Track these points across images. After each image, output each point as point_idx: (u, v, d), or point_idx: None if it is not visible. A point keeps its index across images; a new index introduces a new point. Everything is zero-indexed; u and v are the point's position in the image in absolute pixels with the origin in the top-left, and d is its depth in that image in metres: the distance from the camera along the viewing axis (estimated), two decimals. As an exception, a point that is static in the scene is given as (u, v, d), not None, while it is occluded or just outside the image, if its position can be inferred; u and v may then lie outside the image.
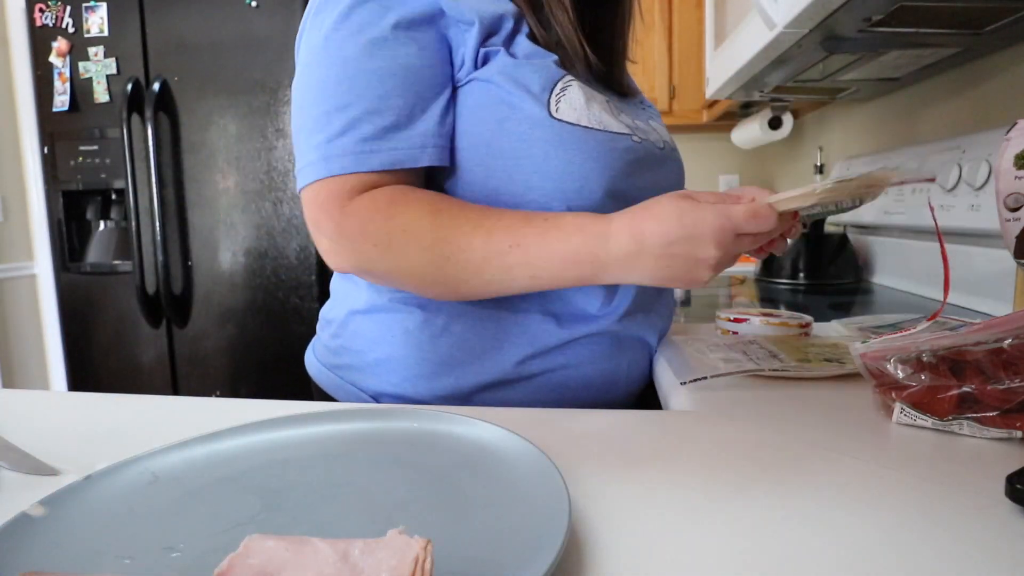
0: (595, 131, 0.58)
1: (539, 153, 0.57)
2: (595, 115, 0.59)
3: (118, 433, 0.49)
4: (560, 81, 0.59)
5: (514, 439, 0.40)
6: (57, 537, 0.31)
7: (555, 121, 0.57)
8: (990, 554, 0.30)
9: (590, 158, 0.57)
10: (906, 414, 0.46)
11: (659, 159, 0.65)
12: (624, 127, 0.61)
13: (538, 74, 0.58)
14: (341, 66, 0.55)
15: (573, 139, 0.57)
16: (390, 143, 0.55)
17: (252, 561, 0.25)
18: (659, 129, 0.71)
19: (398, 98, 0.55)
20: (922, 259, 1.17)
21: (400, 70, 0.55)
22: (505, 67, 0.57)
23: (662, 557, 0.30)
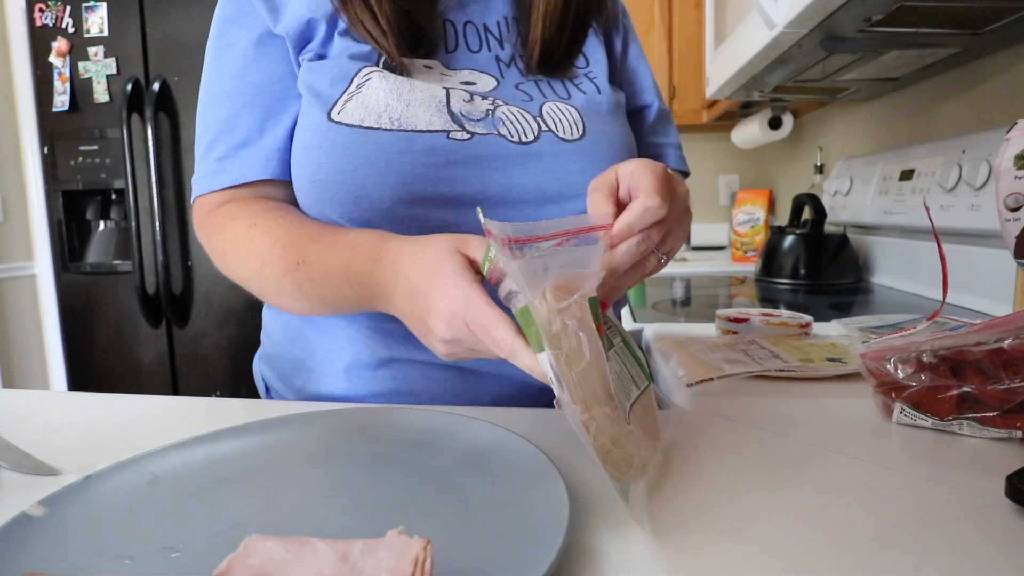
0: (378, 131, 0.52)
1: (314, 162, 0.54)
2: (395, 111, 0.53)
3: (118, 433, 0.49)
4: (357, 76, 0.54)
5: (514, 439, 0.40)
6: (57, 537, 0.31)
7: (331, 124, 0.53)
8: (990, 554, 0.30)
9: (365, 163, 0.52)
10: (906, 414, 0.46)
11: (510, 156, 0.55)
12: (445, 122, 0.54)
13: (329, 74, 0.54)
14: (206, 91, 0.60)
15: (346, 143, 0.52)
16: (239, 161, 0.57)
17: (252, 562, 0.25)
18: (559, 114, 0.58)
19: (248, 116, 0.57)
20: (922, 259, 1.17)
21: (248, 88, 0.57)
22: (304, 73, 0.56)
23: (662, 557, 0.30)
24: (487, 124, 0.55)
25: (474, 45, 0.60)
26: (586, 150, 0.58)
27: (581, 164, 0.57)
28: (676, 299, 1.28)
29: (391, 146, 0.52)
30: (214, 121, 0.58)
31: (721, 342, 0.71)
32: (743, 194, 2.00)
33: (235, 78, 0.58)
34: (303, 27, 0.56)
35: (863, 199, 1.36)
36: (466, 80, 0.59)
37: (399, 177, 0.52)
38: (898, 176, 1.22)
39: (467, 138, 0.54)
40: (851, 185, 1.44)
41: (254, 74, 0.58)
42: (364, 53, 0.56)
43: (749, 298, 1.27)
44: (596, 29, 0.65)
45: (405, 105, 0.53)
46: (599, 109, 0.60)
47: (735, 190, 2.44)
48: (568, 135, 0.58)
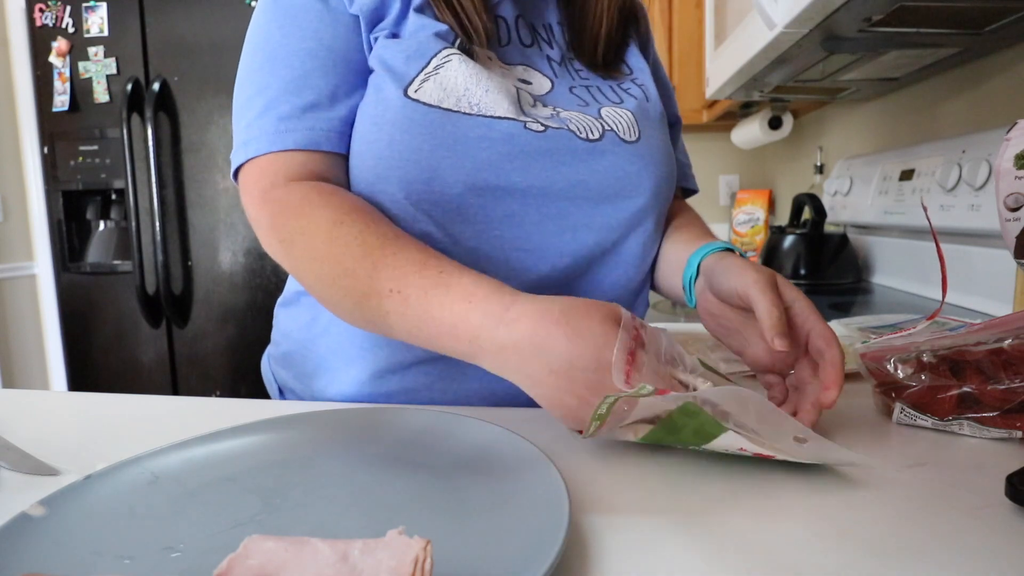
0: (458, 115, 0.51)
1: (385, 137, 0.51)
2: (474, 96, 0.52)
3: (118, 433, 0.49)
4: (436, 57, 0.52)
5: (514, 439, 0.40)
6: (57, 537, 0.31)
7: (408, 101, 0.51)
8: (990, 554, 0.30)
9: (441, 145, 0.51)
10: (906, 414, 0.46)
11: (579, 152, 0.55)
12: (514, 111, 0.53)
13: (407, 51, 0.52)
14: (265, 49, 0.54)
15: (424, 122, 0.51)
16: (306, 122, 0.52)
17: (252, 562, 0.25)
18: (617, 116, 0.59)
19: (319, 78, 0.53)
20: (922, 259, 1.17)
21: (323, 50, 0.53)
22: (378, 50, 0.54)
23: (662, 557, 0.30)
24: (557, 121, 0.56)
25: (526, 40, 0.60)
26: (642, 152, 0.58)
27: (639, 165, 0.58)
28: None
29: (470, 130, 0.52)
30: (276, 80, 0.53)
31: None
32: (743, 194, 2.00)
33: (308, 39, 0.53)
34: (377, 3, 0.54)
35: (863, 199, 1.36)
36: (521, 77, 0.58)
37: (475, 162, 0.52)
38: (898, 176, 1.22)
39: (542, 130, 0.54)
40: (851, 185, 1.44)
41: (331, 38, 0.54)
42: (444, 32, 0.54)
43: (749, 298, 1.27)
44: (634, 40, 0.67)
45: (484, 91, 0.52)
46: (649, 114, 0.62)
47: (735, 190, 2.44)
48: (628, 136, 0.58)
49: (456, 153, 0.51)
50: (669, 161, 0.62)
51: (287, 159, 0.52)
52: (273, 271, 2.02)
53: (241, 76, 0.56)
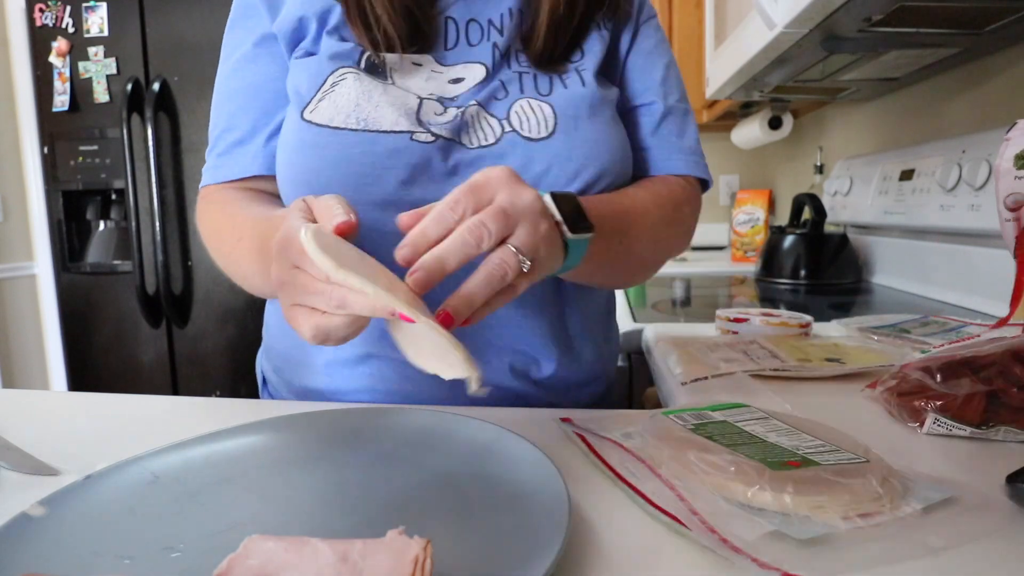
0: (344, 132, 0.52)
1: (286, 160, 0.56)
2: (363, 111, 0.53)
3: (118, 433, 0.49)
4: (332, 75, 0.54)
5: (514, 439, 0.40)
6: (57, 537, 0.31)
7: (303, 123, 0.54)
8: (990, 554, 0.30)
9: (329, 164, 0.53)
10: (939, 424, 0.45)
11: (470, 160, 0.55)
12: (411, 124, 0.53)
13: (307, 73, 0.55)
14: (215, 90, 0.63)
15: (316, 143, 0.53)
16: (233, 158, 0.61)
17: (252, 562, 0.25)
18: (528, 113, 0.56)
19: (243, 115, 0.60)
20: (922, 259, 1.17)
21: (245, 87, 0.60)
22: (290, 72, 0.58)
23: (662, 557, 0.30)
24: (451, 129, 0.54)
25: (475, 39, 0.60)
26: (554, 149, 0.55)
27: (547, 163, 0.55)
28: (676, 299, 1.28)
29: (354, 146, 0.52)
30: (218, 119, 0.62)
31: (721, 342, 0.71)
32: (743, 194, 2.00)
33: (236, 78, 0.61)
34: (295, 25, 0.57)
35: (863, 199, 1.36)
36: (456, 76, 0.57)
37: (360, 179, 0.52)
38: (898, 176, 1.22)
39: (431, 140, 0.54)
40: (851, 185, 1.44)
41: (252, 74, 0.60)
42: (345, 51, 0.55)
43: (749, 298, 1.27)
44: (604, 28, 0.63)
45: (375, 106, 0.53)
46: (577, 105, 0.57)
47: (735, 190, 2.44)
48: (534, 134, 0.55)
49: (341, 171, 0.52)
50: (600, 153, 0.57)
51: (216, 187, 0.62)
52: (273, 271, 2.02)
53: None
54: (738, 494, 0.33)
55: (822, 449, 0.37)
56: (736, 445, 0.37)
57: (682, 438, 0.38)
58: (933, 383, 0.45)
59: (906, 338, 0.72)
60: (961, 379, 0.44)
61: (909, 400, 0.47)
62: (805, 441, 0.38)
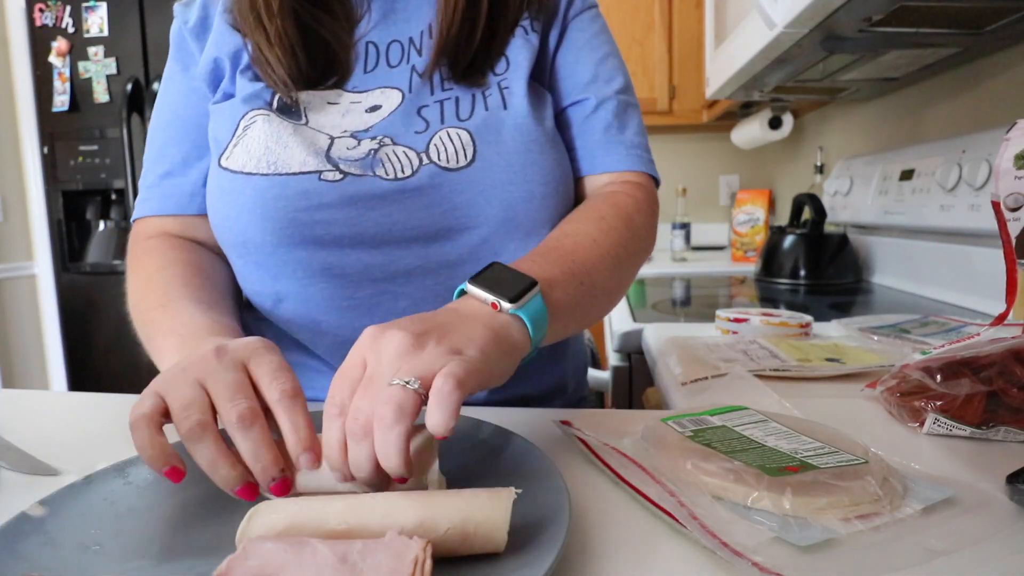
0: (255, 177, 0.52)
1: (209, 208, 0.57)
2: (273, 154, 0.52)
3: (118, 433, 0.49)
4: (243, 119, 0.54)
5: (514, 438, 0.40)
6: (57, 537, 0.31)
7: (220, 171, 0.54)
8: (990, 554, 0.30)
9: (245, 209, 0.53)
10: (939, 424, 0.45)
11: (383, 194, 0.52)
12: (320, 163, 0.52)
13: (222, 118, 0.56)
14: (152, 119, 0.62)
15: (230, 190, 0.53)
16: (162, 190, 0.59)
17: (251, 563, 0.25)
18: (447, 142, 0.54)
19: (174, 147, 0.59)
20: (922, 259, 1.17)
21: (178, 120, 0.59)
22: (210, 117, 0.58)
23: (662, 557, 0.30)
24: (363, 165, 0.53)
25: (395, 60, 0.58)
26: (474, 177, 0.53)
27: (470, 193, 0.53)
28: (676, 299, 1.28)
29: (266, 191, 0.52)
30: (149, 149, 0.61)
31: (721, 342, 0.71)
32: (743, 194, 2.00)
33: (167, 110, 0.60)
34: (212, 66, 0.57)
35: (863, 199, 1.36)
36: (373, 104, 0.55)
37: (276, 222, 0.52)
38: (898, 176, 1.22)
39: (339, 178, 0.52)
40: (851, 185, 1.44)
41: (184, 108, 0.60)
42: (256, 92, 0.55)
43: (749, 298, 1.27)
44: (531, 25, 0.59)
45: (283, 148, 0.52)
46: (498, 128, 0.54)
47: (735, 190, 2.44)
48: (452, 163, 0.53)
49: (257, 216, 0.52)
50: (527, 175, 0.54)
51: (148, 223, 0.60)
52: (273, 271, 2.02)
53: None
54: (738, 499, 0.33)
55: (821, 451, 0.37)
56: (734, 452, 0.37)
57: (680, 446, 0.38)
58: (933, 383, 0.45)
59: (906, 338, 0.72)
60: (961, 379, 0.44)
61: (909, 400, 0.47)
62: (804, 444, 0.38)
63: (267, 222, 0.52)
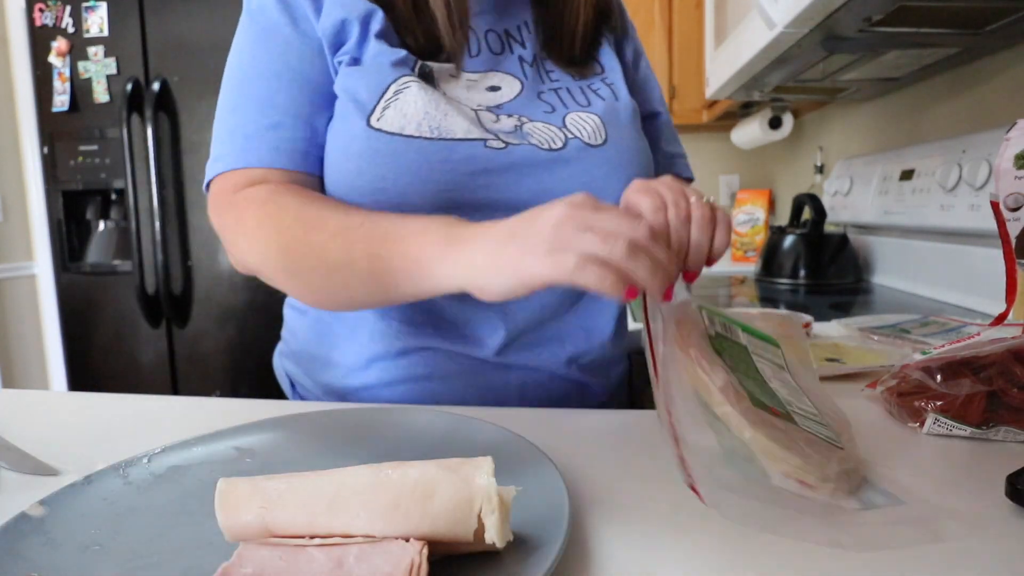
0: (420, 140, 0.53)
1: (354, 168, 0.54)
2: (434, 120, 0.53)
3: (118, 433, 0.49)
4: (394, 84, 0.54)
5: (514, 439, 0.40)
6: (57, 537, 0.31)
7: (371, 132, 0.53)
8: (990, 554, 0.30)
9: (406, 172, 0.53)
10: (940, 424, 0.45)
11: (542, 163, 0.56)
12: (478, 131, 0.55)
13: (366, 80, 0.54)
14: (239, 69, 0.58)
15: (387, 151, 0.53)
16: (269, 141, 0.55)
17: (245, 570, 0.25)
18: (582, 123, 0.60)
19: (284, 99, 0.56)
20: (922, 259, 1.17)
21: (289, 71, 0.56)
22: (341, 78, 0.55)
23: (662, 557, 0.30)
24: (518, 136, 0.57)
25: (496, 48, 0.61)
26: (609, 156, 0.59)
27: (606, 169, 0.58)
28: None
29: (432, 154, 0.53)
30: (245, 101, 0.56)
31: None
32: (743, 194, 2.00)
33: (276, 61, 0.56)
34: (337, 28, 0.55)
35: (863, 199, 1.36)
36: (492, 84, 0.59)
37: (439, 185, 0.53)
38: (898, 176, 1.22)
39: (502, 147, 0.55)
40: (851, 185, 1.44)
41: (298, 60, 0.56)
42: (401, 59, 0.55)
43: (749, 298, 1.27)
44: (608, 37, 0.67)
45: (443, 115, 0.54)
46: (618, 116, 0.61)
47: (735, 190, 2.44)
48: (593, 140, 0.58)
49: (420, 178, 0.53)
50: (641, 160, 0.62)
51: (250, 174, 0.55)
52: (273, 271, 2.02)
53: (220, 94, 0.59)
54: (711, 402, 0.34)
55: (810, 416, 0.38)
56: (736, 371, 0.37)
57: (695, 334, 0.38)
58: (933, 383, 0.45)
59: (906, 338, 0.72)
60: (961, 379, 0.44)
61: (909, 400, 0.47)
62: (801, 402, 0.39)
63: (431, 184, 0.53)
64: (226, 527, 0.28)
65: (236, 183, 0.55)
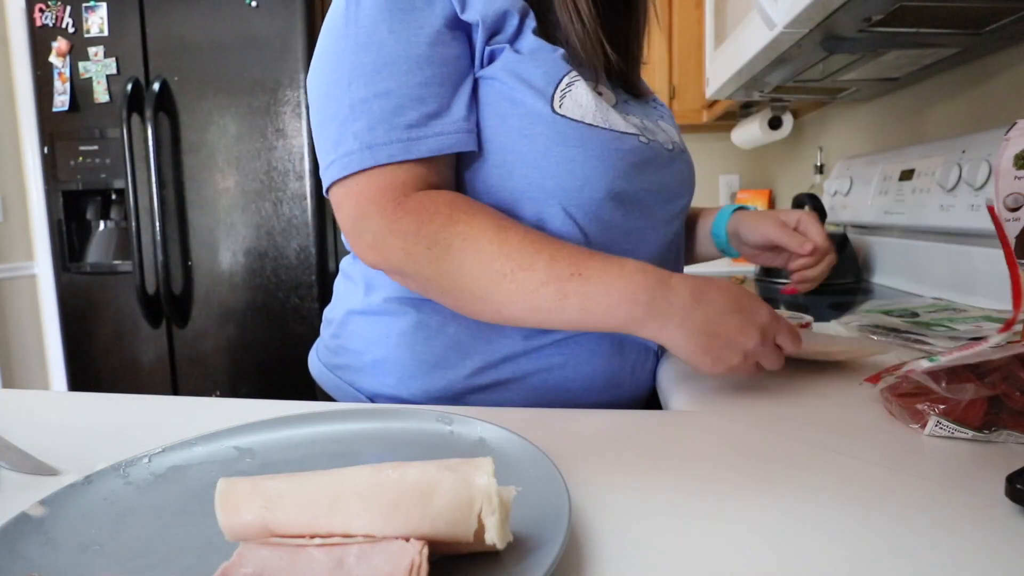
0: (599, 129, 0.57)
1: (539, 149, 0.56)
2: (602, 113, 0.58)
3: (118, 433, 0.49)
4: (566, 76, 0.57)
5: (514, 439, 0.40)
6: (57, 537, 0.31)
7: (558, 117, 0.56)
8: (990, 554, 0.30)
9: (592, 156, 0.57)
10: (941, 426, 0.44)
11: (666, 160, 0.65)
12: (631, 127, 0.61)
13: (541, 69, 0.57)
14: (378, 51, 0.54)
15: (576, 136, 0.56)
16: (434, 129, 0.54)
17: (245, 570, 0.25)
18: (668, 130, 0.70)
19: (438, 85, 0.55)
20: (922, 259, 1.17)
21: (437, 58, 0.55)
22: (508, 63, 0.57)
23: (662, 557, 0.30)
24: (649, 133, 0.64)
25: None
26: (687, 158, 0.71)
27: (690, 168, 0.72)
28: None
29: (610, 143, 0.58)
30: (398, 86, 0.53)
31: None
32: (743, 194, 2.00)
33: (424, 46, 0.54)
34: (499, 16, 0.57)
35: (863, 199, 1.36)
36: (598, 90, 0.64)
37: (615, 171, 0.58)
38: (898, 176, 1.22)
39: (648, 142, 0.62)
40: (851, 185, 1.44)
41: (445, 48, 0.55)
42: (564, 55, 0.59)
43: (749, 298, 1.27)
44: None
45: (606, 110, 0.58)
46: (677, 131, 0.74)
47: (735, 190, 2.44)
48: (680, 145, 0.70)
49: (603, 163, 0.57)
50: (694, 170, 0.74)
51: (415, 169, 0.54)
52: (273, 271, 2.02)
53: (343, 76, 0.54)
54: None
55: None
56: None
57: None
58: (937, 387, 0.45)
59: (907, 338, 0.72)
60: (965, 383, 0.44)
61: (911, 401, 0.47)
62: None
63: (609, 170, 0.58)
64: (226, 527, 0.28)
65: (403, 180, 0.53)
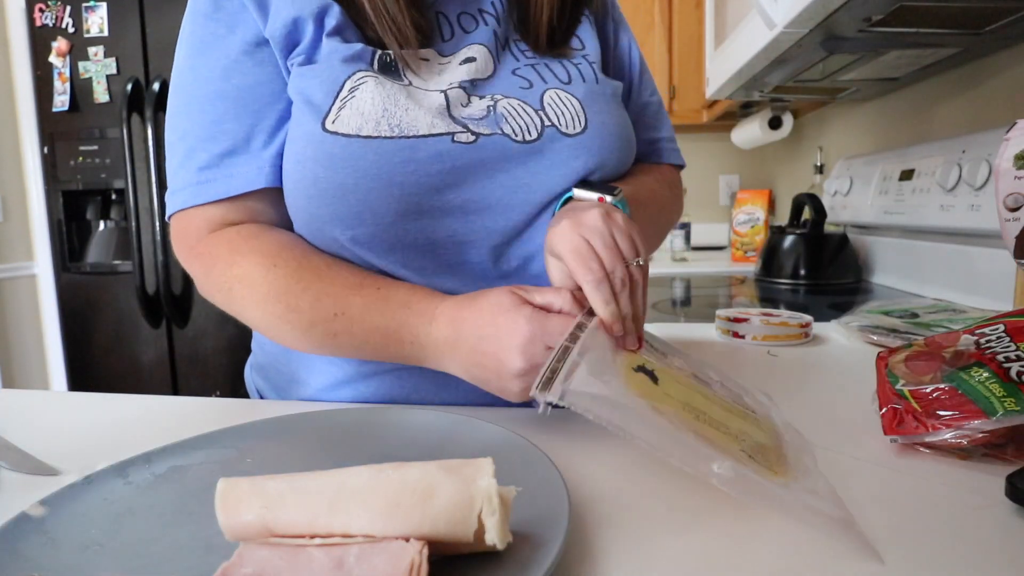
0: (377, 140, 0.49)
1: (310, 176, 0.50)
2: (394, 117, 0.49)
3: (118, 433, 0.49)
4: (349, 80, 0.50)
5: (514, 439, 0.40)
6: (57, 537, 0.31)
7: (326, 135, 0.49)
8: (990, 554, 0.30)
9: (367, 176, 0.49)
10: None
11: (514, 157, 0.53)
12: (447, 124, 0.51)
13: (320, 79, 0.50)
14: (181, 93, 0.55)
15: (345, 156, 0.49)
16: (225, 171, 0.53)
17: (245, 570, 0.25)
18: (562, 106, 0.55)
19: (233, 122, 0.53)
20: (922, 259, 1.17)
21: (233, 91, 0.53)
22: (293, 80, 0.52)
23: (662, 557, 0.30)
24: (490, 123, 0.52)
25: (470, 27, 0.57)
26: (587, 144, 0.55)
27: (584, 159, 0.55)
28: (676, 299, 1.28)
29: (393, 155, 0.49)
30: (192, 127, 0.53)
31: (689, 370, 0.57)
32: (743, 194, 2.00)
33: (217, 79, 0.53)
34: (289, 27, 0.51)
35: (863, 199, 1.36)
36: (467, 56, 0.55)
37: (403, 188, 0.50)
38: (898, 176, 1.22)
39: (472, 140, 0.51)
40: (851, 185, 1.44)
41: (240, 76, 0.53)
42: (355, 54, 0.51)
43: (749, 298, 1.27)
44: (588, 15, 0.63)
45: (404, 110, 0.50)
46: (600, 97, 0.57)
47: (735, 190, 2.44)
48: (570, 129, 0.54)
49: (382, 182, 0.49)
50: (622, 147, 0.58)
51: (209, 212, 0.54)
52: (273, 271, 2.02)
53: (167, 116, 0.57)
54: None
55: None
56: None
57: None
58: None
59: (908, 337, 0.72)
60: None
61: None
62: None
63: (394, 188, 0.49)
64: (226, 527, 0.28)
65: (196, 225, 0.54)
